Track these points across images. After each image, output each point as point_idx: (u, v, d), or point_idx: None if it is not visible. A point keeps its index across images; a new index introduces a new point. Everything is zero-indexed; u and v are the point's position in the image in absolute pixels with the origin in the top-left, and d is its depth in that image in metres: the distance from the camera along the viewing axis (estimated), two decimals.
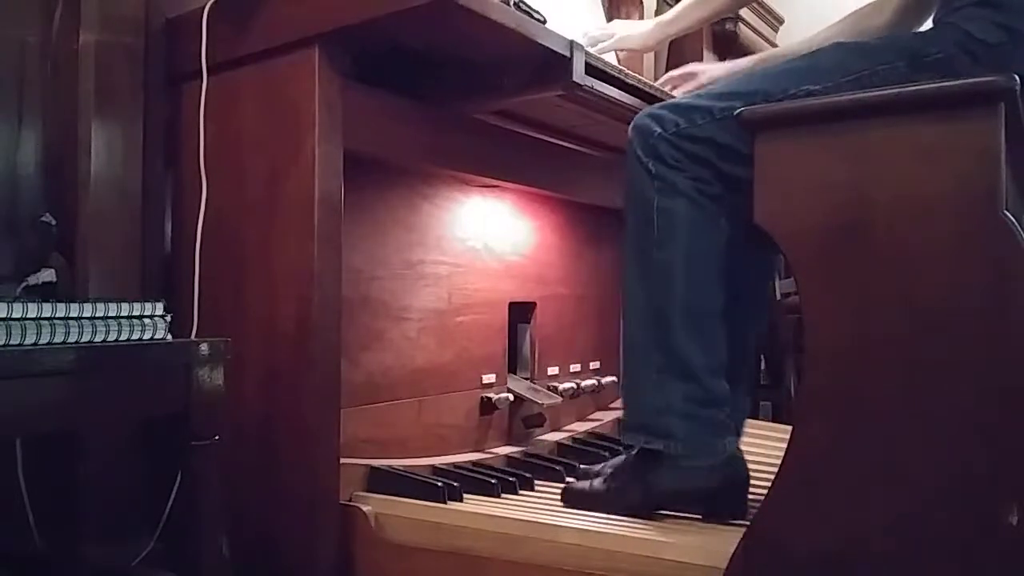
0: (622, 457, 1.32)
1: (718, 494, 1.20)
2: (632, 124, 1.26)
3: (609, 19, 2.09)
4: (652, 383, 1.21)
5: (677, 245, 1.20)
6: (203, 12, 1.31)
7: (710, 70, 1.63)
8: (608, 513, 1.19)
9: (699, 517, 1.21)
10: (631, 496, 1.21)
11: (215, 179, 1.32)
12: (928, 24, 1.29)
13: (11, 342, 0.88)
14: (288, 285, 1.24)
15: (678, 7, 1.58)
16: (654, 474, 1.20)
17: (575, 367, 1.89)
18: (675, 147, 1.20)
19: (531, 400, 1.67)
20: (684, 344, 1.19)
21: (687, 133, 1.20)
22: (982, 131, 0.91)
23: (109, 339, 0.98)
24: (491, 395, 1.62)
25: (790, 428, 1.02)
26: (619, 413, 1.93)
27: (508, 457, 1.56)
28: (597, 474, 1.31)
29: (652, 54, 2.27)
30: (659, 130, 1.21)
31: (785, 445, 1.01)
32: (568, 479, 1.41)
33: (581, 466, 1.46)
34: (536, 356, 1.78)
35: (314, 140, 1.21)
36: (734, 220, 1.21)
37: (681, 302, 1.19)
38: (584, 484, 1.30)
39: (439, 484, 1.27)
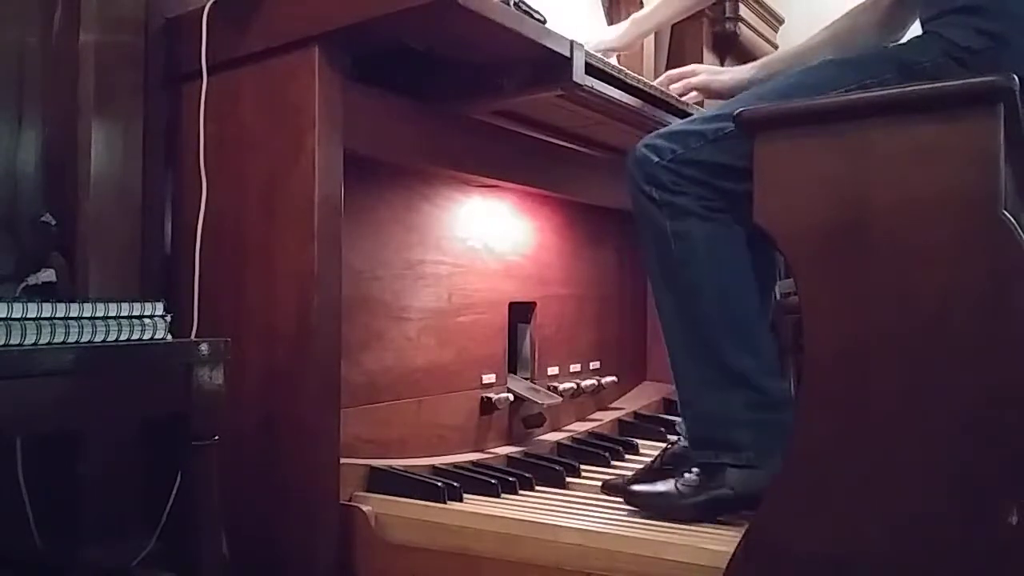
0: (681, 451, 1.31)
1: None
2: (630, 157, 1.28)
3: (610, 20, 2.09)
4: (710, 398, 1.21)
5: (700, 261, 1.21)
6: (203, 12, 1.31)
7: (710, 68, 1.64)
8: (675, 518, 1.18)
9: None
10: (700, 500, 1.19)
11: (215, 179, 1.31)
12: (916, 29, 1.29)
13: (11, 342, 0.88)
14: (288, 285, 1.24)
15: (651, 5, 1.63)
16: (723, 479, 1.19)
17: (575, 367, 1.89)
18: (675, 173, 1.22)
19: (531, 400, 1.67)
20: (732, 353, 1.19)
21: (684, 158, 1.22)
22: (981, 131, 0.91)
23: (109, 339, 0.98)
24: (491, 395, 1.62)
25: None
26: (619, 413, 1.93)
27: (508, 457, 1.56)
28: (660, 473, 1.30)
29: (652, 54, 2.27)
30: (657, 159, 1.24)
31: None
32: (615, 476, 1.40)
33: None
34: (536, 356, 1.78)
35: (314, 140, 1.21)
36: (745, 226, 1.21)
37: (719, 314, 1.20)
38: (648, 486, 1.26)
39: (439, 484, 1.27)
